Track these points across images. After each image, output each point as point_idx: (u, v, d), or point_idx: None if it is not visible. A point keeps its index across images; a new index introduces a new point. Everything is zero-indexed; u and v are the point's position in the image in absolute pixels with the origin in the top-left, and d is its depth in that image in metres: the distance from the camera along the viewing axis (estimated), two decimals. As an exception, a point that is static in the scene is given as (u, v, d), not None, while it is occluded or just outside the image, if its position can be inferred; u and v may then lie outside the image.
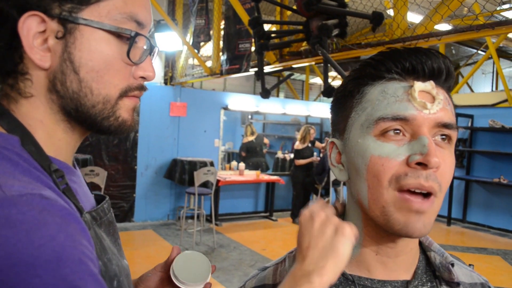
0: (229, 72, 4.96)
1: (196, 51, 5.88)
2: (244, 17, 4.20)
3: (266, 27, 4.01)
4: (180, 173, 6.27)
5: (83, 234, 0.49)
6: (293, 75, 9.37)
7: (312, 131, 7.20)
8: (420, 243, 0.69)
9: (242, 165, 7.10)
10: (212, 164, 6.46)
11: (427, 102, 0.57)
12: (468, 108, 7.53)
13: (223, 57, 5.03)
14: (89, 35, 0.55)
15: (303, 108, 8.44)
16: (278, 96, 11.73)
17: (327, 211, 0.59)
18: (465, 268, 0.71)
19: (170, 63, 6.72)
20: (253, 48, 4.39)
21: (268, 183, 7.52)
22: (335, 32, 2.98)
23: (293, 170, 7.22)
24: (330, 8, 2.96)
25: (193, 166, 6.19)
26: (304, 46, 3.92)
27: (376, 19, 2.75)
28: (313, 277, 0.53)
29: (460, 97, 9.32)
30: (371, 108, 0.60)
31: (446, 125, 0.58)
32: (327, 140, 8.13)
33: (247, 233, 6.36)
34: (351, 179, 0.64)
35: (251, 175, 6.99)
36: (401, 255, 0.64)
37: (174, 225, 6.52)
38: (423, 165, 0.55)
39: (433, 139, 0.58)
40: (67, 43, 0.55)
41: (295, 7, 3.27)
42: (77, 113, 0.57)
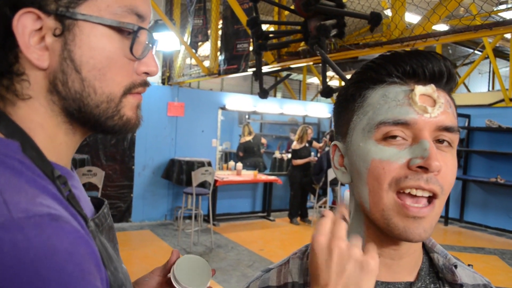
0: (227, 72, 4.96)
1: (194, 51, 5.87)
2: (242, 17, 4.19)
3: (264, 27, 4.02)
4: (178, 173, 6.26)
5: (92, 259, 0.47)
6: (291, 75, 9.37)
7: (310, 131, 7.21)
8: (423, 244, 0.69)
9: (240, 165, 7.09)
10: (210, 164, 6.46)
11: (428, 106, 0.57)
12: (465, 108, 7.54)
13: (221, 57, 5.02)
14: (89, 31, 0.52)
15: (301, 108, 8.44)
16: (276, 96, 11.72)
17: (341, 233, 0.56)
18: (468, 270, 0.71)
19: (168, 63, 6.71)
20: (251, 48, 4.39)
21: (266, 183, 7.52)
22: (333, 33, 2.99)
23: (291, 170, 7.22)
24: (328, 9, 2.96)
25: (191, 166, 6.18)
26: (302, 46, 3.91)
27: (374, 20, 2.76)
28: None
29: (457, 97, 9.13)
30: (372, 112, 0.60)
31: (447, 128, 0.58)
32: (325, 140, 8.08)
33: (245, 233, 6.35)
34: (354, 182, 0.64)
35: (249, 175, 6.98)
36: (405, 257, 0.64)
37: (172, 225, 6.50)
38: (424, 169, 0.56)
39: (435, 143, 0.58)
40: (66, 41, 0.52)
41: (293, 7, 3.27)
42: (80, 114, 0.55)
